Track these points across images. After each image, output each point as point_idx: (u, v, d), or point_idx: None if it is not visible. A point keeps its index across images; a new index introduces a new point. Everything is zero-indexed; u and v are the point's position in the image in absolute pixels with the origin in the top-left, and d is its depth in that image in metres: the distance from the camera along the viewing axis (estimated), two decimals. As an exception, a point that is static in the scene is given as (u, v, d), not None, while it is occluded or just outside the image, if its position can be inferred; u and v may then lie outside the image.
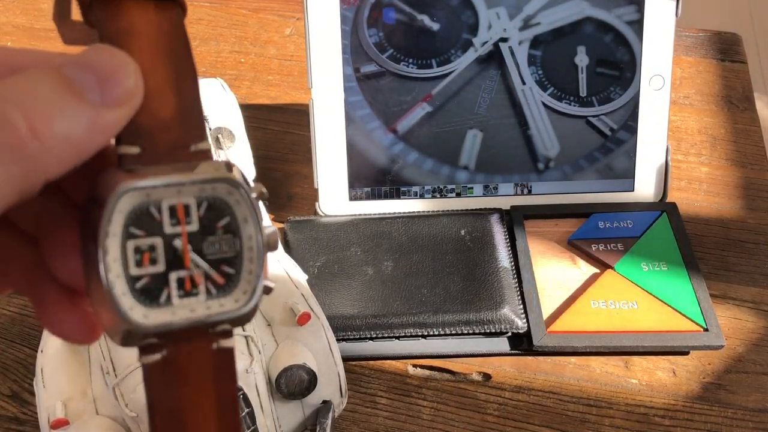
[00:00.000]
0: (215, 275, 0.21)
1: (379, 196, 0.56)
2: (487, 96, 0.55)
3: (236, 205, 0.21)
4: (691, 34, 0.73)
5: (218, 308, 0.21)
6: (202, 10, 0.76)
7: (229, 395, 0.22)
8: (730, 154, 0.62)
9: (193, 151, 0.21)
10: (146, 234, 0.21)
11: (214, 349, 0.22)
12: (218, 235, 0.21)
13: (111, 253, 0.20)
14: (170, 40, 0.22)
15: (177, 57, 0.22)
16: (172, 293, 0.21)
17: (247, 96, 0.67)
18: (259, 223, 0.22)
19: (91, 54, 0.20)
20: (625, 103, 0.55)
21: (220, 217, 0.21)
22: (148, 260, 0.21)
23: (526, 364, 0.50)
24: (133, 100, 0.20)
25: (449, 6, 0.54)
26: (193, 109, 0.22)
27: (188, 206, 0.21)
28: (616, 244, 0.53)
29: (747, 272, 0.54)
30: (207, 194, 0.21)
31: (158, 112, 0.21)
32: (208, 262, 0.21)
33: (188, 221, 0.21)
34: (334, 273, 0.51)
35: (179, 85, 0.21)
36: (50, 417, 0.40)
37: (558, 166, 0.56)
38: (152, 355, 0.21)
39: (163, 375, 0.21)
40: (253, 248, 0.22)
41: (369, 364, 0.50)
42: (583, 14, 0.54)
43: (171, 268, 0.21)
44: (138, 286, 0.20)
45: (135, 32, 0.21)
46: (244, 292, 0.22)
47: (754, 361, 0.50)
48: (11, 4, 0.78)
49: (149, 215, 0.21)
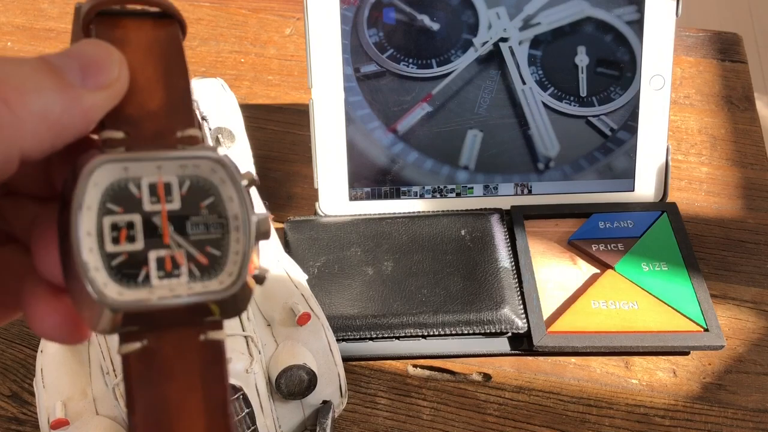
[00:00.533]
0: (198, 255, 0.20)
1: (379, 196, 0.56)
2: (487, 96, 0.55)
3: (221, 184, 0.21)
4: (691, 33, 0.73)
5: (201, 289, 0.20)
6: (202, 10, 0.76)
7: (219, 395, 0.20)
8: (731, 154, 0.62)
9: (179, 137, 0.21)
10: (124, 210, 0.20)
11: (201, 340, 0.20)
12: (202, 216, 0.20)
13: (85, 226, 0.19)
14: (163, 45, 0.22)
15: (168, 58, 0.22)
16: (152, 273, 0.20)
17: (247, 96, 0.67)
18: (246, 204, 0.21)
19: (78, 45, 0.20)
20: (626, 103, 0.55)
21: (204, 196, 0.21)
22: (125, 237, 0.20)
23: (527, 364, 0.50)
24: (115, 87, 0.20)
25: (449, 6, 0.54)
26: (182, 102, 0.21)
27: (169, 184, 0.20)
28: (617, 244, 0.53)
29: (747, 272, 0.54)
30: (189, 172, 0.20)
31: (146, 104, 0.21)
32: (190, 242, 0.20)
33: (169, 199, 0.20)
34: (334, 273, 0.51)
35: (169, 82, 0.21)
36: (50, 417, 0.40)
37: (558, 166, 0.56)
38: (132, 343, 0.20)
39: (143, 367, 0.20)
40: (240, 228, 0.21)
41: (369, 365, 0.50)
42: (583, 14, 0.54)
43: (150, 246, 0.20)
44: (114, 264, 0.19)
45: (128, 40, 0.21)
46: (229, 274, 0.20)
47: (755, 362, 0.50)
48: (11, 4, 0.78)
49: (128, 192, 0.20)
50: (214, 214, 0.21)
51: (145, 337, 0.20)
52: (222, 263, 0.20)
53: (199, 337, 0.20)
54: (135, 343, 0.20)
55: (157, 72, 0.21)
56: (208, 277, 0.20)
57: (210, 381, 0.20)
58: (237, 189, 0.21)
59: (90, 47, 0.20)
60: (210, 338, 0.20)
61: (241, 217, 0.21)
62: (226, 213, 0.21)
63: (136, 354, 0.20)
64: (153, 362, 0.20)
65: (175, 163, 0.20)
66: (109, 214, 0.20)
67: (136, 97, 0.21)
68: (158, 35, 0.22)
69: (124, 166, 0.20)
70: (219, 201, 0.21)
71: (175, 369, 0.20)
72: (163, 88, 0.21)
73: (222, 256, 0.20)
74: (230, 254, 0.21)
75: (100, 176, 0.20)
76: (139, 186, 0.20)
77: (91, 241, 0.19)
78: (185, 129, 0.21)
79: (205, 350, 0.20)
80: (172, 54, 0.22)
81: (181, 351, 0.20)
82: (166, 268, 0.20)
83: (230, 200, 0.21)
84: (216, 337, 0.20)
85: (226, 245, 0.21)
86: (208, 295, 0.20)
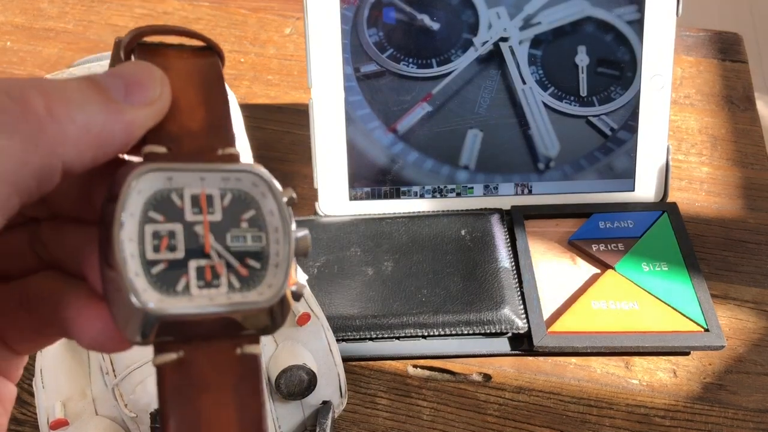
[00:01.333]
0: (238, 266, 0.20)
1: (379, 196, 0.56)
2: (487, 96, 0.55)
3: (262, 198, 0.21)
4: (691, 33, 0.73)
5: (240, 299, 0.20)
6: (202, 10, 0.76)
7: (254, 410, 0.20)
8: (731, 154, 0.62)
9: (220, 154, 0.21)
10: (166, 219, 0.20)
11: (238, 354, 0.20)
12: (243, 228, 0.21)
13: (127, 232, 0.19)
14: (203, 72, 0.22)
15: (209, 84, 0.22)
16: (191, 282, 0.20)
17: (247, 95, 0.67)
18: (286, 218, 0.21)
19: (122, 65, 0.21)
20: (626, 102, 0.55)
21: (246, 209, 0.21)
22: (166, 246, 0.20)
23: (527, 364, 0.49)
24: (157, 104, 0.21)
25: (449, 5, 0.54)
26: (222, 123, 0.22)
27: (211, 196, 0.20)
28: (617, 244, 0.53)
29: (748, 272, 0.54)
30: (231, 185, 0.21)
31: (187, 124, 0.21)
32: (231, 253, 0.20)
33: (211, 211, 0.20)
34: (334, 273, 0.51)
35: (209, 105, 0.22)
36: (49, 417, 0.40)
37: (558, 166, 0.56)
38: (167, 354, 0.19)
39: (178, 379, 0.19)
40: (280, 241, 0.21)
41: (369, 365, 0.49)
42: (583, 14, 0.54)
43: (191, 256, 0.20)
44: (154, 271, 0.19)
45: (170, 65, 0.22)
46: (269, 286, 0.20)
47: (755, 362, 0.49)
48: (10, 3, 0.78)
49: (171, 201, 0.20)
50: (254, 227, 0.21)
51: (180, 349, 0.19)
52: (262, 275, 0.21)
53: (236, 350, 0.20)
54: (171, 354, 0.19)
55: (198, 96, 0.22)
56: (247, 288, 0.20)
57: (245, 396, 0.20)
58: (278, 203, 0.21)
59: (133, 67, 0.21)
60: (246, 352, 0.20)
61: (282, 230, 0.21)
62: (267, 226, 0.21)
63: (172, 365, 0.19)
64: (188, 374, 0.19)
65: (218, 176, 0.21)
66: (151, 222, 0.20)
67: (177, 117, 0.21)
68: (198, 63, 0.22)
69: (168, 176, 0.20)
70: (260, 214, 0.21)
71: (210, 382, 0.19)
72: (203, 110, 0.21)
73: (262, 269, 0.21)
74: (270, 267, 0.21)
75: (144, 184, 0.20)
76: (182, 196, 0.20)
77: (132, 246, 0.19)
78: (225, 148, 0.21)
79: (241, 364, 0.20)
80: (212, 80, 0.22)
81: (216, 364, 0.20)
82: (206, 278, 0.20)
83: (271, 214, 0.21)
84: (252, 351, 0.20)
85: (265, 258, 0.21)
86: (248, 306, 0.20)
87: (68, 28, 0.75)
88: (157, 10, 0.76)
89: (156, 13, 0.76)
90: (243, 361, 0.20)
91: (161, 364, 0.19)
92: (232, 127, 0.22)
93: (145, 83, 0.21)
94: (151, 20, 0.75)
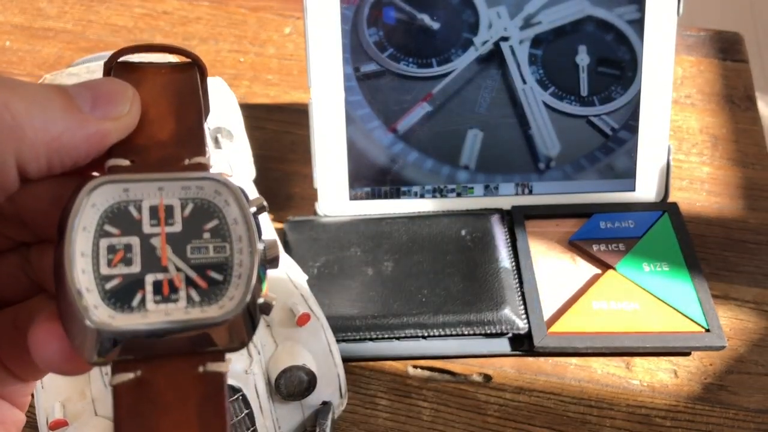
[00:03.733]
0: (197, 278, 0.19)
1: (379, 196, 0.56)
2: (487, 95, 0.55)
3: (225, 206, 0.20)
4: (692, 33, 0.72)
5: (199, 314, 0.19)
6: (201, 9, 0.76)
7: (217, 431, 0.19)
8: (732, 154, 0.62)
9: (186, 164, 0.20)
10: (122, 232, 0.19)
11: (200, 372, 0.19)
12: (205, 239, 0.20)
13: (79, 247, 0.19)
14: (178, 84, 0.22)
15: (182, 96, 0.22)
16: (147, 297, 0.19)
17: (247, 95, 0.67)
18: (251, 226, 0.20)
19: (95, 79, 0.21)
20: (627, 102, 0.55)
21: (208, 219, 0.20)
22: (121, 259, 0.19)
23: (527, 365, 0.49)
24: (124, 120, 0.20)
25: (450, 5, 0.54)
26: (192, 133, 0.21)
27: (171, 207, 0.20)
28: (618, 244, 0.53)
29: (749, 272, 0.54)
30: (192, 195, 0.20)
31: (155, 135, 0.21)
32: (190, 265, 0.19)
33: (170, 222, 0.20)
34: (334, 273, 0.51)
35: (181, 116, 0.21)
36: (48, 418, 0.39)
37: (559, 166, 0.56)
38: (125, 374, 0.18)
39: (136, 399, 0.18)
40: (244, 251, 0.20)
41: (369, 365, 0.49)
42: (584, 13, 0.54)
43: (148, 270, 0.19)
44: (108, 287, 0.19)
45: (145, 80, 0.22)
46: (231, 299, 0.19)
47: (756, 362, 0.49)
48: (9, 3, 0.77)
49: (128, 214, 0.19)
50: (217, 238, 0.20)
51: (139, 368, 0.19)
52: (224, 288, 0.20)
53: (198, 368, 0.19)
54: (128, 373, 0.19)
55: (170, 107, 0.21)
56: (207, 302, 0.19)
57: (207, 416, 0.19)
58: (242, 211, 0.20)
59: (105, 82, 0.21)
60: (209, 370, 0.19)
61: (245, 239, 0.20)
62: (231, 236, 0.20)
63: (128, 385, 0.18)
64: (146, 394, 0.18)
65: (177, 185, 0.20)
66: (107, 236, 0.19)
67: (146, 129, 0.21)
68: (174, 77, 0.22)
69: (125, 188, 0.19)
70: (223, 224, 0.20)
71: (169, 402, 0.18)
72: (174, 121, 0.21)
73: (224, 281, 0.20)
74: (233, 278, 0.20)
75: (99, 197, 0.19)
76: (140, 208, 0.20)
77: (84, 262, 0.19)
78: (193, 157, 0.20)
79: (204, 383, 0.19)
80: (186, 92, 0.22)
81: (176, 383, 0.19)
82: (164, 293, 0.19)
83: (235, 223, 0.20)
84: (216, 369, 0.19)
85: (229, 269, 0.20)
86: (206, 321, 0.19)
87: (67, 27, 0.75)
88: (156, 10, 0.76)
89: (155, 12, 0.76)
90: (206, 380, 0.19)
91: (117, 384, 0.18)
92: (203, 138, 0.21)
93: (114, 98, 0.20)
94: (150, 20, 0.75)
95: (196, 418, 0.18)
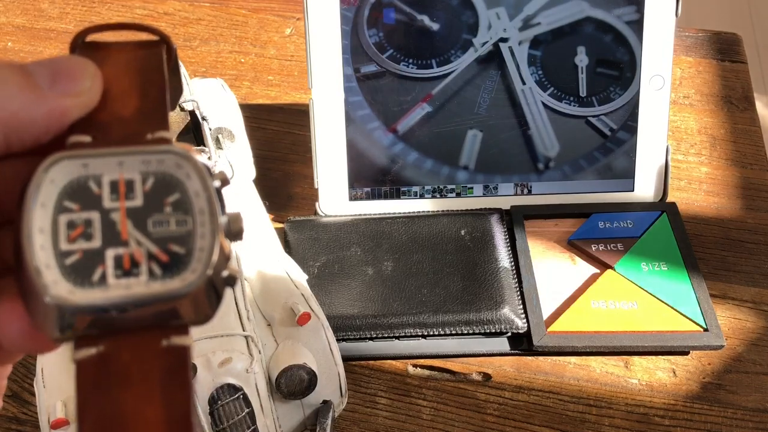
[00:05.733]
0: (158, 252, 0.19)
1: (379, 196, 0.56)
2: (487, 96, 0.55)
3: (187, 179, 0.20)
4: (691, 34, 0.73)
5: (160, 287, 0.19)
6: (202, 11, 0.76)
7: (181, 404, 0.18)
8: (730, 154, 0.62)
9: (149, 138, 0.20)
10: (81, 208, 0.19)
11: (164, 346, 0.19)
12: (166, 213, 0.20)
13: (37, 223, 0.19)
14: (142, 61, 0.22)
15: (146, 72, 0.22)
16: (108, 272, 0.19)
17: (247, 96, 0.67)
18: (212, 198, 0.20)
19: (55, 57, 0.21)
20: (625, 103, 0.55)
21: (170, 193, 0.20)
22: (80, 234, 0.19)
23: (526, 364, 0.50)
24: (84, 97, 0.20)
25: (449, 6, 0.54)
26: (155, 109, 0.21)
27: (132, 181, 0.20)
28: (616, 244, 0.53)
29: (747, 272, 0.54)
30: (153, 168, 0.20)
31: (118, 112, 0.21)
32: (152, 239, 0.19)
33: (131, 196, 0.19)
34: (334, 273, 0.51)
35: (144, 92, 0.21)
36: (50, 417, 0.40)
37: (558, 166, 0.56)
38: (87, 349, 0.18)
39: (98, 374, 0.18)
40: (206, 223, 0.19)
41: (369, 364, 0.50)
42: (583, 14, 0.54)
43: (108, 244, 0.19)
44: (68, 262, 0.19)
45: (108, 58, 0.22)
46: (193, 272, 0.19)
47: (754, 361, 0.50)
48: (11, 4, 0.78)
49: (88, 189, 0.19)
50: (179, 211, 0.20)
51: (102, 343, 0.18)
52: (186, 261, 0.19)
53: (161, 342, 0.19)
54: (90, 348, 0.18)
55: (133, 84, 0.21)
56: (170, 275, 0.19)
57: (171, 390, 0.18)
58: (204, 184, 0.20)
59: (65, 59, 0.21)
60: (173, 344, 0.19)
61: (207, 212, 0.20)
62: (193, 209, 0.20)
63: (91, 360, 0.18)
64: (107, 368, 0.18)
65: (138, 159, 0.20)
66: (66, 212, 0.19)
67: (108, 105, 0.21)
68: (138, 54, 0.22)
69: (84, 163, 0.19)
70: (185, 197, 0.20)
71: (132, 376, 0.18)
72: (137, 97, 0.21)
73: (187, 254, 0.19)
74: (195, 251, 0.19)
75: (58, 173, 0.19)
76: (100, 183, 0.19)
77: (43, 238, 0.19)
78: (155, 131, 0.20)
79: (168, 356, 0.19)
80: (150, 68, 0.22)
81: (140, 357, 0.18)
82: (124, 267, 0.19)
83: (196, 196, 0.20)
84: (180, 343, 0.19)
85: (191, 242, 0.19)
86: (168, 294, 0.19)
87: (69, 28, 0.75)
88: (157, 11, 0.76)
89: (156, 13, 0.76)
90: (169, 354, 0.19)
91: (80, 359, 0.18)
92: (166, 112, 0.21)
93: (73, 74, 0.20)
94: (151, 20, 0.75)
95: (159, 392, 0.18)
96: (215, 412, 0.39)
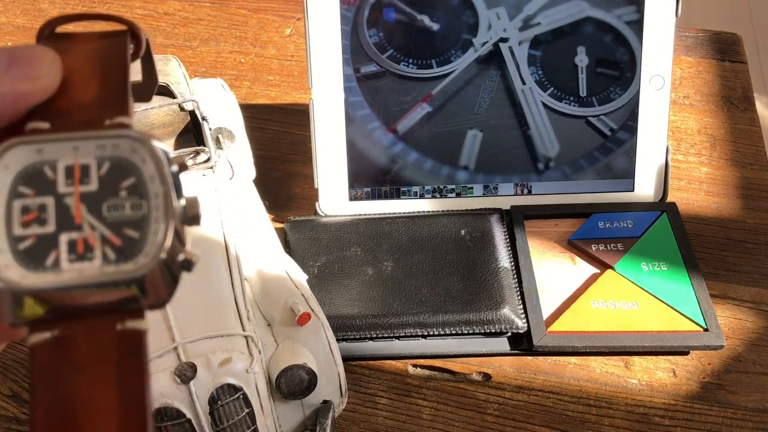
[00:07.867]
0: (111, 236, 0.19)
1: (379, 196, 0.56)
2: (487, 96, 0.55)
3: (142, 163, 0.20)
4: (691, 34, 0.73)
5: (113, 271, 0.19)
6: (202, 11, 0.76)
7: (136, 388, 0.18)
8: (730, 154, 0.62)
9: (108, 124, 0.20)
10: (36, 193, 0.19)
11: (118, 330, 0.19)
12: (121, 197, 0.20)
13: None
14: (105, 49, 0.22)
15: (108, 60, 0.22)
16: (62, 256, 0.19)
17: (247, 96, 0.67)
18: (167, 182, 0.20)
19: (16, 45, 0.21)
20: (625, 103, 0.55)
21: (125, 177, 0.20)
22: (34, 219, 0.19)
23: (526, 364, 0.50)
24: (41, 81, 0.20)
25: (449, 6, 0.54)
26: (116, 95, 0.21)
27: (87, 166, 0.20)
28: (616, 244, 0.53)
29: (747, 272, 0.54)
30: (108, 153, 0.20)
31: (78, 98, 0.21)
32: (106, 224, 0.19)
33: (86, 181, 0.20)
34: (334, 273, 0.51)
35: (105, 79, 0.21)
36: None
37: (558, 166, 0.56)
38: (41, 333, 0.18)
39: (52, 358, 0.18)
40: (160, 207, 0.20)
41: (369, 364, 0.50)
42: (583, 14, 0.54)
43: (62, 229, 0.19)
44: (21, 247, 0.19)
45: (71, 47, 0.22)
46: (146, 255, 0.19)
47: (754, 361, 0.50)
48: (11, 4, 0.78)
49: (42, 175, 0.19)
50: (134, 195, 0.20)
51: (57, 327, 0.19)
52: (140, 245, 0.19)
53: (117, 326, 0.19)
54: (44, 333, 0.19)
55: (94, 71, 0.21)
56: (124, 259, 0.19)
57: (127, 374, 0.18)
58: (159, 168, 0.20)
59: (25, 46, 0.21)
60: (129, 327, 0.19)
61: (162, 195, 0.20)
62: (148, 193, 0.20)
63: (45, 344, 0.18)
64: (62, 353, 0.18)
65: (93, 144, 0.20)
66: (20, 197, 0.19)
67: (69, 92, 0.21)
68: (102, 43, 0.22)
69: (38, 148, 0.19)
70: (140, 181, 0.20)
71: (86, 360, 0.18)
72: (97, 84, 0.21)
73: (140, 238, 0.19)
74: (149, 235, 0.19)
75: (11, 159, 0.19)
76: (55, 169, 0.19)
77: None
78: (114, 117, 0.20)
79: (123, 340, 0.19)
80: (112, 56, 0.22)
81: (95, 341, 0.19)
82: (78, 251, 0.19)
83: (152, 180, 0.20)
84: (135, 327, 0.19)
85: (145, 226, 0.19)
86: (121, 277, 0.19)
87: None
88: (157, 11, 0.76)
89: (156, 13, 0.76)
90: (125, 337, 0.19)
91: (34, 343, 0.18)
92: (127, 98, 0.21)
93: (31, 60, 0.20)
94: (151, 21, 0.75)
95: (114, 376, 0.18)
96: (215, 412, 0.39)
